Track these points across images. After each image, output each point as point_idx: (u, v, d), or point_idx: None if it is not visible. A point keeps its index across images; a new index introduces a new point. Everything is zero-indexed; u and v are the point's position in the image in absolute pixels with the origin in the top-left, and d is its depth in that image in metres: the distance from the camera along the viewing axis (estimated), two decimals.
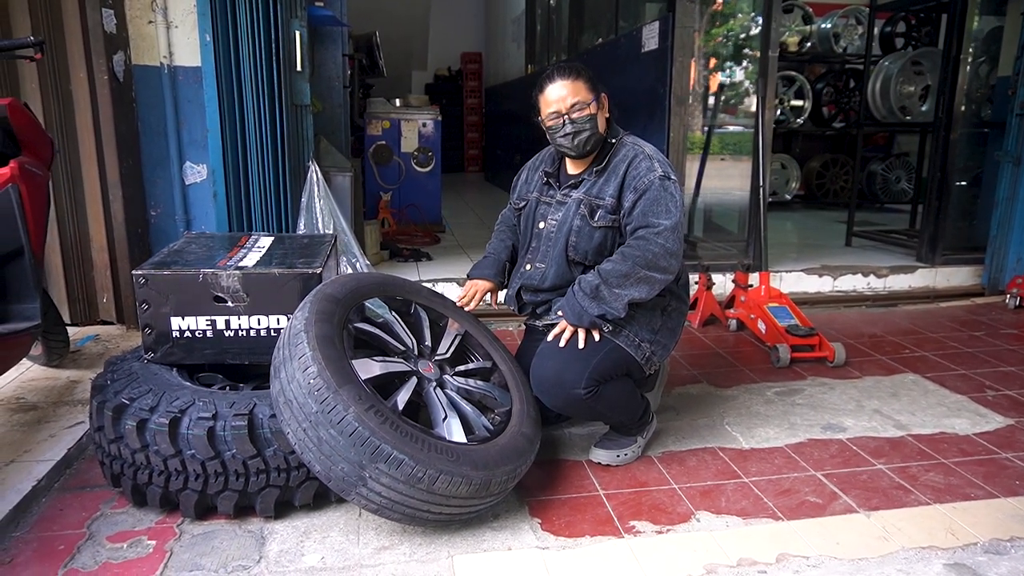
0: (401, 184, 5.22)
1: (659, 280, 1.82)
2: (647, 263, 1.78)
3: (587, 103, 1.87)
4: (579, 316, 1.82)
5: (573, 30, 5.95)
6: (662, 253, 1.78)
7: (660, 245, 1.78)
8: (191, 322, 1.85)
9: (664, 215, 1.80)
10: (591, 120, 1.88)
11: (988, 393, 2.51)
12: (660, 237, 1.78)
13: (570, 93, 1.87)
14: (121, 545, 1.56)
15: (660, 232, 1.78)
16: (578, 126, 1.87)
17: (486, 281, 2.13)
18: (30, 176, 2.08)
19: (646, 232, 1.79)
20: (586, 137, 1.89)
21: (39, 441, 1.96)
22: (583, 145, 1.90)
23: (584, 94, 1.87)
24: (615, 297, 1.79)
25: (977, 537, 1.65)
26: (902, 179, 6.72)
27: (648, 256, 1.78)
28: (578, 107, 1.86)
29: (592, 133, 1.89)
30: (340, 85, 3.54)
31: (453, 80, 10.71)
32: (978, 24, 4.06)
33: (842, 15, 6.19)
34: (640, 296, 1.81)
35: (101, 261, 2.89)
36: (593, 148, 1.93)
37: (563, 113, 1.87)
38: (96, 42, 2.69)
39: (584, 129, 1.88)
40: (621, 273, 1.79)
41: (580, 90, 1.87)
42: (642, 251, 1.78)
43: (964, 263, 3.98)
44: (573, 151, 1.92)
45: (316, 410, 1.45)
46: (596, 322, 1.82)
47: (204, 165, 3.05)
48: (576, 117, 1.87)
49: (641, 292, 1.81)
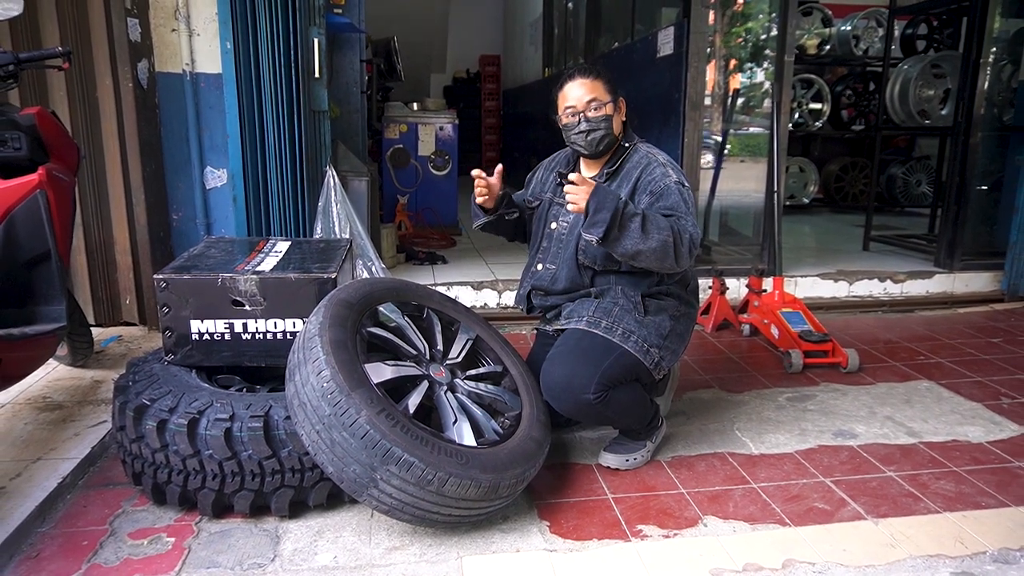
0: (418, 187, 5.27)
1: (668, 260, 1.75)
2: (675, 235, 1.73)
3: (604, 103, 1.90)
4: (599, 202, 1.68)
5: (590, 33, 5.97)
6: (689, 243, 1.77)
7: (689, 233, 1.78)
8: (210, 325, 1.90)
9: (685, 216, 1.81)
10: (606, 120, 1.91)
11: (1003, 401, 2.49)
12: (691, 229, 1.78)
13: (588, 91, 1.90)
14: (142, 542, 1.61)
15: (690, 227, 1.79)
16: (593, 124, 1.90)
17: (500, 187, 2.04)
18: (57, 182, 2.15)
19: (675, 221, 1.77)
20: (600, 136, 1.92)
21: (64, 439, 2.02)
22: (596, 144, 1.93)
23: (602, 94, 1.90)
24: (631, 231, 1.69)
25: (986, 546, 1.65)
26: (923, 183, 6.65)
27: (679, 232, 1.74)
28: (595, 105, 1.89)
29: (606, 133, 1.92)
30: (358, 90, 3.59)
31: (471, 82, 10.76)
32: (1000, 26, 4.01)
33: (862, 17, 6.14)
34: (644, 251, 1.71)
35: (124, 264, 2.97)
36: (606, 149, 1.96)
37: (580, 111, 1.90)
38: (121, 50, 2.76)
39: (598, 128, 1.91)
40: (658, 224, 1.72)
41: (598, 89, 1.90)
42: (676, 227, 1.75)
43: (983, 268, 3.94)
44: (586, 149, 1.95)
45: (329, 413, 1.49)
46: (598, 219, 1.67)
47: (224, 170, 3.11)
48: (592, 116, 1.90)
49: (653, 251, 1.71)
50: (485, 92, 10.70)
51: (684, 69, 3.45)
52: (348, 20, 3.32)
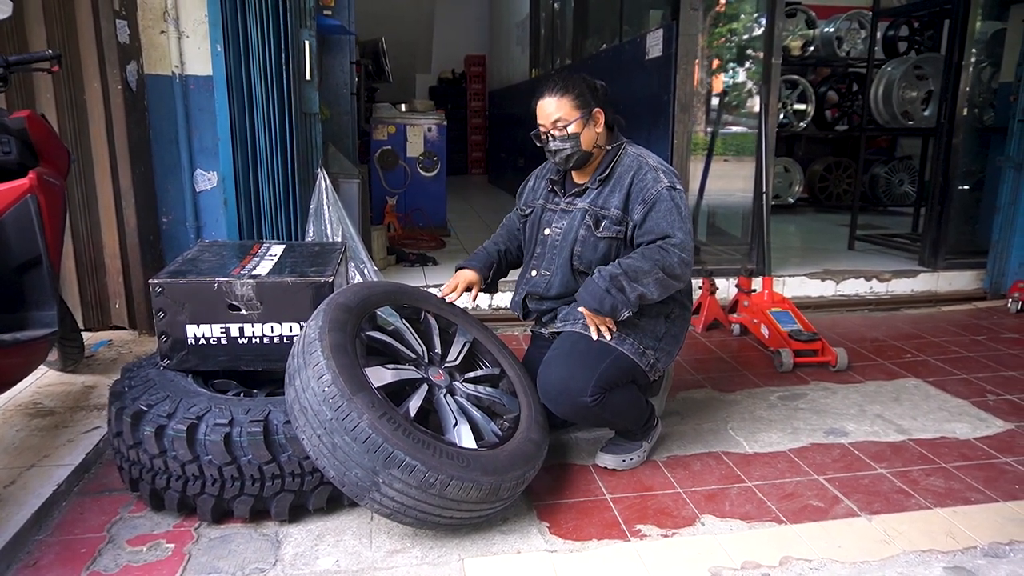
0: (406, 188, 5.26)
1: (672, 286, 1.86)
2: (665, 267, 1.81)
3: (570, 121, 1.89)
4: (600, 300, 1.82)
5: (577, 35, 5.99)
6: (679, 263, 1.82)
7: (678, 256, 1.82)
8: (206, 330, 1.89)
9: (678, 227, 1.84)
10: (573, 138, 1.90)
11: (989, 398, 2.54)
12: (677, 248, 1.82)
13: (554, 110, 1.90)
14: (141, 548, 1.60)
15: (677, 244, 1.82)
16: (558, 144, 1.92)
17: (472, 272, 2.14)
18: (48, 186, 2.13)
19: (664, 243, 1.83)
20: (567, 155, 1.93)
21: (57, 446, 2.01)
22: (565, 162, 1.95)
23: (568, 111, 1.89)
24: (631, 289, 1.81)
25: (977, 541, 1.69)
26: (905, 182, 6.74)
27: (668, 262, 1.81)
28: (560, 124, 1.90)
29: (574, 151, 1.92)
30: (348, 92, 3.59)
31: (457, 83, 10.76)
32: (980, 28, 4.08)
33: (845, 19, 6.21)
34: (652, 296, 1.83)
35: (114, 267, 2.94)
36: (577, 165, 1.97)
37: (547, 129, 1.92)
38: (110, 52, 2.74)
39: (564, 148, 1.91)
40: (642, 269, 1.81)
41: (564, 107, 1.89)
42: (661, 256, 1.81)
43: (966, 267, 4.00)
44: (557, 166, 1.99)
45: (331, 417, 1.49)
46: (617, 306, 1.81)
47: (214, 172, 3.10)
48: (558, 135, 1.91)
49: (654, 292, 1.83)
50: (471, 92, 10.71)
51: (673, 71, 3.48)
52: (338, 22, 3.32)
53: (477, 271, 2.14)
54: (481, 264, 2.16)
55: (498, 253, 2.20)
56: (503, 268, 2.23)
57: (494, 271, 2.19)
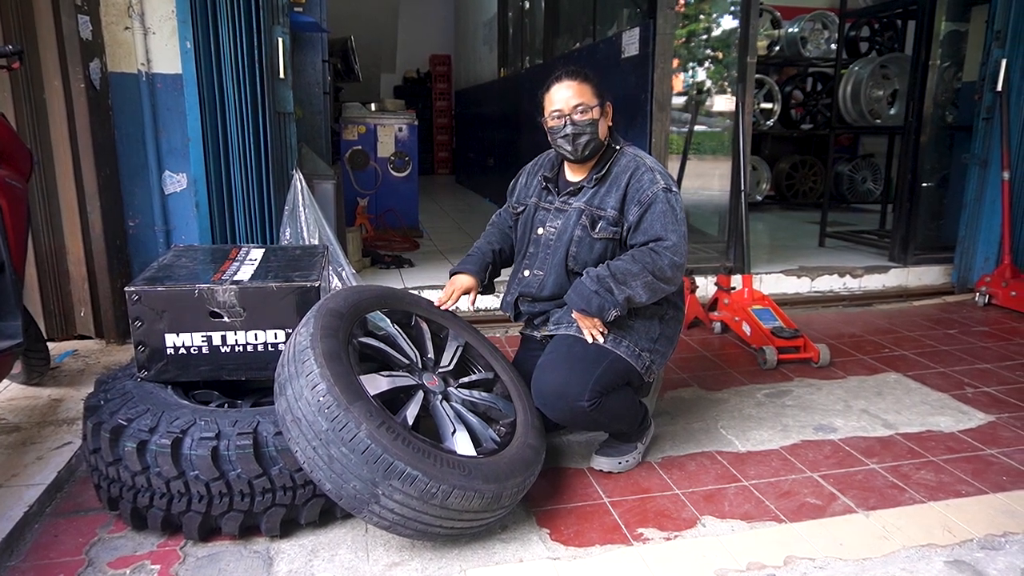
0: (378, 189, 5.18)
1: (662, 289, 1.84)
2: (655, 270, 1.80)
3: (591, 107, 1.88)
4: (587, 300, 1.80)
5: (548, 34, 5.96)
6: (670, 265, 1.80)
7: (670, 259, 1.80)
8: (186, 338, 1.80)
9: (672, 229, 1.82)
10: (592, 125, 1.89)
11: (968, 390, 2.59)
12: (670, 251, 1.80)
13: (575, 94, 1.87)
14: (124, 571, 1.52)
15: (669, 247, 1.81)
16: (579, 128, 1.88)
17: (468, 277, 2.08)
18: (10, 190, 2.02)
19: (656, 246, 1.81)
20: (585, 141, 1.90)
21: (26, 464, 1.90)
22: (582, 148, 1.91)
23: (589, 97, 1.88)
24: (619, 291, 1.79)
25: (972, 533, 1.70)
26: (868, 180, 6.89)
27: (658, 265, 1.80)
28: (581, 109, 1.87)
29: (592, 138, 1.90)
30: (320, 91, 3.50)
31: (422, 82, 10.67)
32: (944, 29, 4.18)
33: (808, 19, 6.32)
34: (641, 299, 1.82)
35: (78, 274, 2.81)
36: (592, 154, 1.94)
37: (566, 114, 1.88)
38: (72, 49, 2.61)
39: (584, 132, 1.88)
40: (630, 272, 1.79)
41: (586, 93, 1.88)
42: (652, 259, 1.80)
43: (934, 263, 4.10)
44: (571, 154, 1.93)
45: (327, 428, 1.43)
46: (605, 306, 1.79)
47: (184, 174, 2.99)
48: (578, 119, 1.87)
49: (643, 295, 1.82)
50: (436, 92, 10.63)
51: (651, 70, 3.48)
52: (312, 19, 3.23)
53: (473, 275, 2.08)
54: (477, 267, 2.10)
55: (492, 253, 2.15)
56: (498, 268, 2.19)
57: (490, 272, 2.14)
